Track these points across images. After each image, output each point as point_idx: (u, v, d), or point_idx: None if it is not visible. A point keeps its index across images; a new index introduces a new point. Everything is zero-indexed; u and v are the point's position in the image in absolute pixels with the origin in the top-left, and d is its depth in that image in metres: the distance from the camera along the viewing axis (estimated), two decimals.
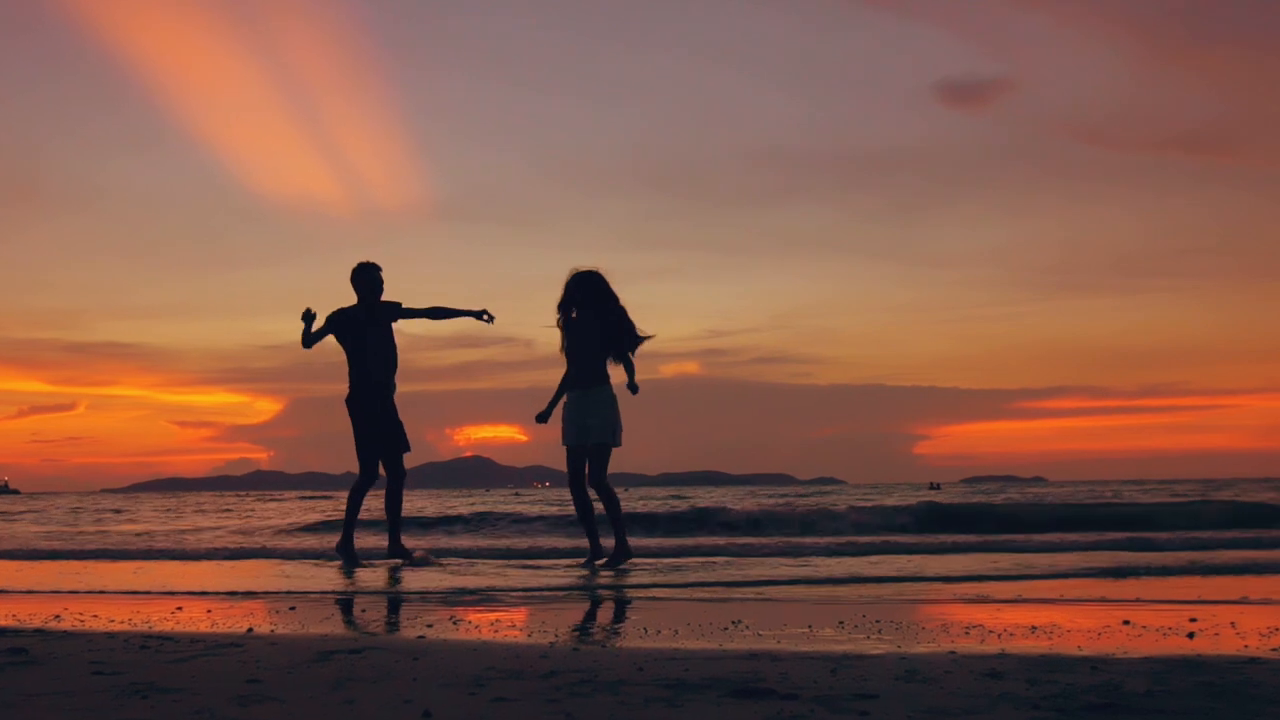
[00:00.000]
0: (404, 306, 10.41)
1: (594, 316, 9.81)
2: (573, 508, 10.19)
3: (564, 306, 9.89)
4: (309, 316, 10.27)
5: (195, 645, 4.59)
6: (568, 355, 9.89)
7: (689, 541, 12.84)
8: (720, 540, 13.04)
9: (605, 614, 6.25)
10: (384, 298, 10.44)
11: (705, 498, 37.56)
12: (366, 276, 10.42)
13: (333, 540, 11.55)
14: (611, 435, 9.74)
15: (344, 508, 10.63)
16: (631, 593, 7.44)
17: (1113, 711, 3.17)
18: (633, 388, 9.79)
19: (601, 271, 9.94)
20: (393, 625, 5.68)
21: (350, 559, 10.19)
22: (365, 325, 10.34)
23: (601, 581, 8.29)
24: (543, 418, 10.03)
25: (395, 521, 10.42)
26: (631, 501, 28.80)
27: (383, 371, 10.36)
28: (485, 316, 10.32)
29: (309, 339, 10.32)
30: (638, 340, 9.84)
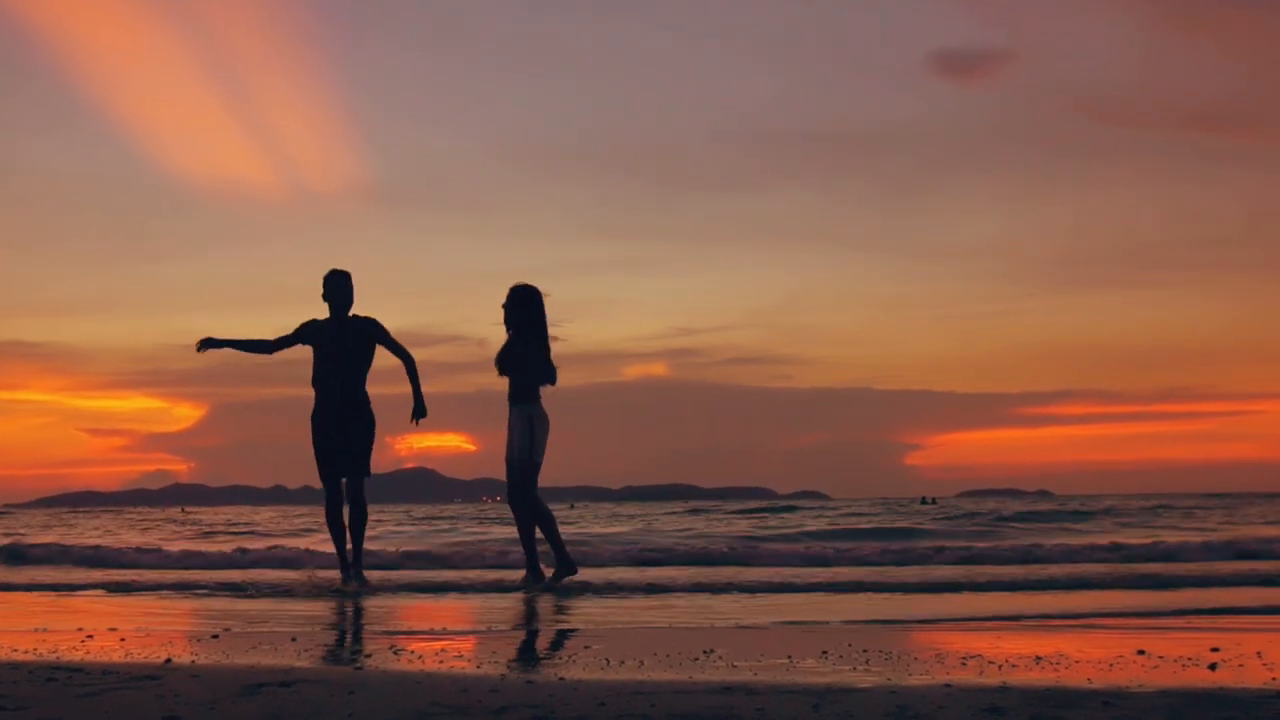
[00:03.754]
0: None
1: (529, 342, 10.34)
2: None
3: (506, 322, 10.45)
4: None
5: (108, 677, 4.56)
6: (501, 371, 10.44)
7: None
8: None
9: (562, 642, 6.23)
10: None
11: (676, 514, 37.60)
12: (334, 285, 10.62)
13: None
14: (529, 452, 10.27)
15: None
16: (592, 617, 7.44)
17: None
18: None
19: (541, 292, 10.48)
20: (326, 655, 5.64)
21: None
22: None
23: (554, 604, 8.30)
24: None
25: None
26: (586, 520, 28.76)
27: None
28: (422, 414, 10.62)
29: None
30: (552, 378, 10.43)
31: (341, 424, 10.38)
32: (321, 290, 10.49)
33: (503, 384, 10.35)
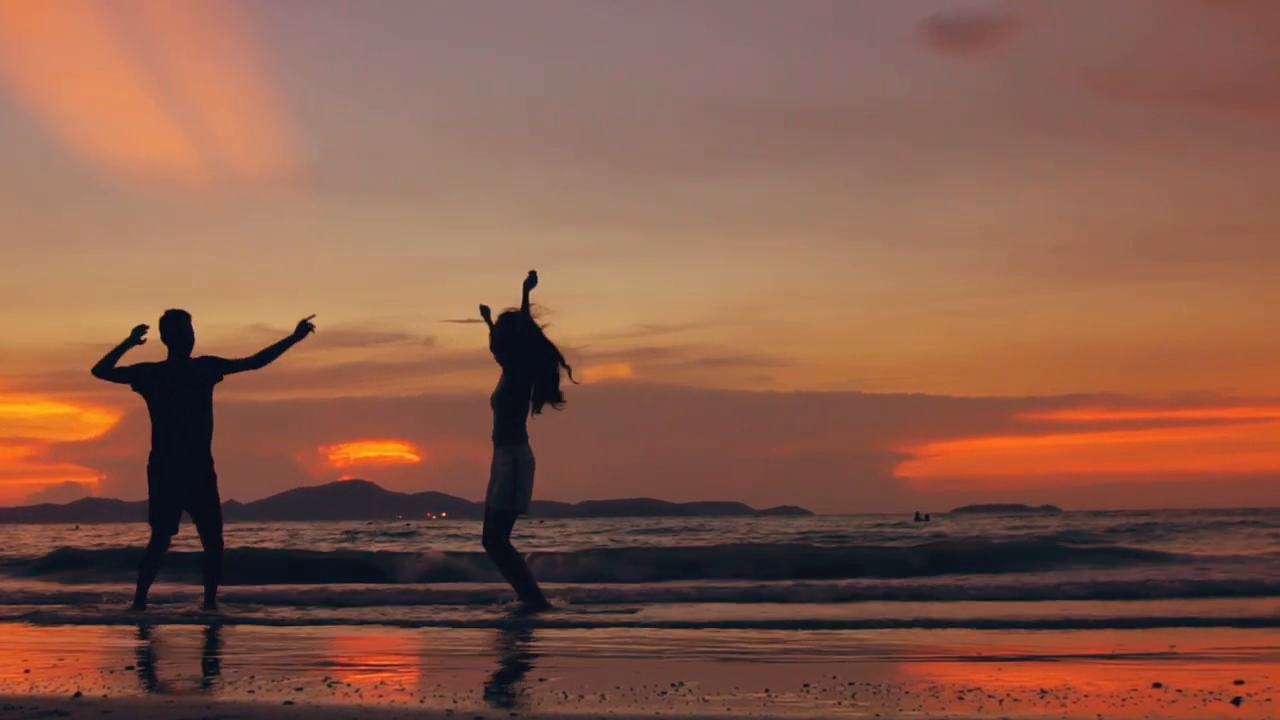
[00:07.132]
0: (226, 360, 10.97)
1: (517, 366, 10.35)
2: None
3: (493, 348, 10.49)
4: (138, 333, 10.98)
5: (10, 713, 4.54)
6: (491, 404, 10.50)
7: None
8: None
9: (516, 673, 6.22)
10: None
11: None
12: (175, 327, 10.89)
13: None
14: (510, 501, 10.35)
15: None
16: (550, 646, 7.43)
17: None
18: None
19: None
20: (253, 688, 5.60)
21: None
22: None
23: (507, 635, 8.30)
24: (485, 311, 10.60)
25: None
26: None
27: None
28: (309, 324, 10.88)
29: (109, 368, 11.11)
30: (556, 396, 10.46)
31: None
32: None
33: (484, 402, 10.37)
